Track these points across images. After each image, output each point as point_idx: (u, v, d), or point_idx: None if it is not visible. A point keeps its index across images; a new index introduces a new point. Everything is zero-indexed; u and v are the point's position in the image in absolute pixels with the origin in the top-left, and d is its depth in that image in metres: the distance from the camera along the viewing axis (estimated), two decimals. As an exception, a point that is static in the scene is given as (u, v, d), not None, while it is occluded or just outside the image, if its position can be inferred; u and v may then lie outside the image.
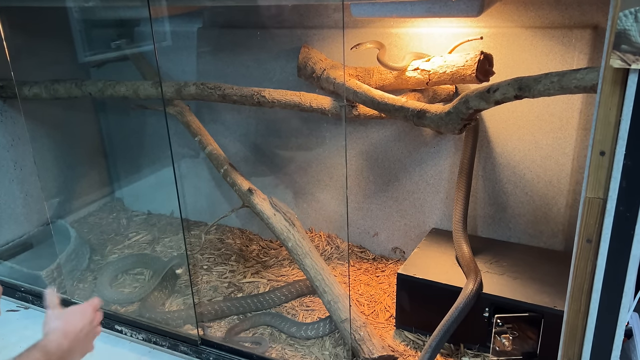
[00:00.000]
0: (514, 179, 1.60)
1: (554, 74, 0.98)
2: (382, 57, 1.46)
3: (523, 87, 1.02)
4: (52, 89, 1.80)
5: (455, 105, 1.20)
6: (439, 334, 1.29)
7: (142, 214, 2.32)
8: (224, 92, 1.60)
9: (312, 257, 1.52)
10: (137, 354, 1.53)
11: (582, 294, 0.95)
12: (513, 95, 1.05)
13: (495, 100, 1.09)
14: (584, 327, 0.96)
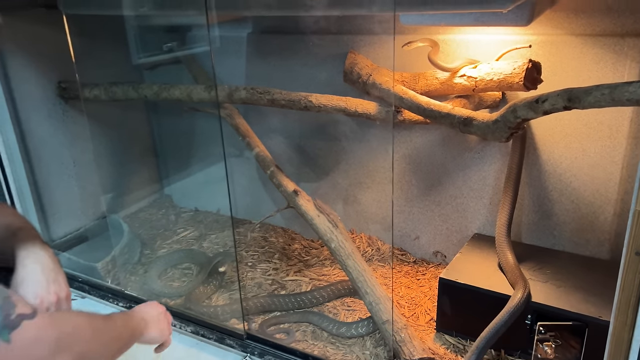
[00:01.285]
0: (559, 186, 1.59)
1: (605, 86, 0.98)
2: (433, 56, 1.47)
3: (573, 99, 1.03)
4: (110, 91, 1.90)
5: (503, 114, 1.21)
6: (486, 337, 1.30)
7: (189, 211, 2.41)
8: (273, 97, 1.65)
9: (354, 258, 1.56)
10: (185, 346, 1.60)
11: (629, 306, 0.95)
12: (562, 106, 1.06)
13: (544, 111, 1.10)
14: (630, 339, 0.96)
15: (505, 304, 1.36)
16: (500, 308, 1.36)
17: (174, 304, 1.75)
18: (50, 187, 2.05)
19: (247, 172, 2.22)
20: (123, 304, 1.78)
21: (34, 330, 0.72)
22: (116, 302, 1.79)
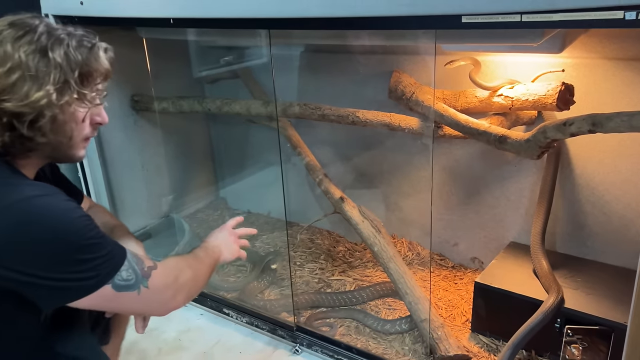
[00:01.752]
0: (592, 199, 1.68)
1: (624, 114, 1.09)
2: (474, 74, 1.60)
3: (596, 123, 1.14)
4: (178, 104, 2.12)
5: (534, 134, 1.33)
6: (521, 334, 1.41)
7: (242, 213, 2.61)
8: (323, 112, 1.82)
9: (395, 261, 1.70)
10: (241, 335, 1.79)
11: (644, 310, 1.06)
12: (587, 129, 1.17)
13: (571, 133, 1.21)
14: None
15: (537, 308, 1.47)
16: (532, 312, 1.47)
17: (231, 297, 1.94)
18: (121, 188, 2.29)
19: (294, 179, 2.39)
20: (186, 295, 1.98)
21: (160, 277, 0.95)
22: (179, 293, 2.00)
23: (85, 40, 0.90)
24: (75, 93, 0.87)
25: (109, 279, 0.87)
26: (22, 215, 0.81)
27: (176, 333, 1.81)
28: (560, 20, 0.97)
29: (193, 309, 1.95)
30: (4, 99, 0.82)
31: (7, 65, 0.82)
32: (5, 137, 0.84)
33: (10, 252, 0.80)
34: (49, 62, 0.84)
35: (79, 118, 0.91)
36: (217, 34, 1.84)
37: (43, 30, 0.85)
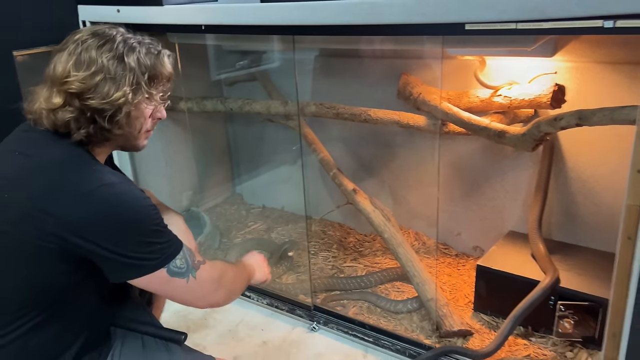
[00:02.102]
0: (584, 191, 1.84)
1: (606, 109, 1.26)
2: (479, 72, 1.76)
3: (582, 117, 1.31)
4: (201, 104, 2.29)
5: (529, 129, 1.50)
6: (522, 308, 1.57)
7: (258, 207, 2.78)
8: (338, 111, 1.99)
9: (404, 247, 1.86)
10: (263, 315, 1.95)
11: (624, 280, 1.22)
12: (575, 123, 1.33)
13: (561, 126, 1.38)
14: (624, 307, 1.23)
15: (534, 288, 1.63)
16: (529, 292, 1.63)
17: (251, 282, 2.10)
18: (147, 182, 2.45)
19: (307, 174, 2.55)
20: (209, 280, 2.14)
21: (207, 271, 1.09)
22: (203, 279, 2.16)
23: (152, 48, 1.05)
24: (145, 93, 1.03)
25: (166, 264, 1.00)
26: (104, 198, 0.96)
27: (202, 314, 1.97)
28: (549, 28, 1.14)
29: (216, 292, 2.11)
30: (88, 97, 0.97)
31: (92, 69, 0.97)
32: (90, 129, 0.99)
33: (91, 227, 0.94)
34: (125, 67, 0.99)
35: (147, 114, 1.07)
36: (241, 39, 2.01)
37: (120, 39, 1.01)
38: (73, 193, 0.95)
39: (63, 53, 0.99)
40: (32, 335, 1.01)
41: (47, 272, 0.98)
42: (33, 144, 1.02)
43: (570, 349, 1.63)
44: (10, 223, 0.96)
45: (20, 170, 0.99)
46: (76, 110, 0.98)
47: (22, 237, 0.95)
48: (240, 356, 1.72)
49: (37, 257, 0.96)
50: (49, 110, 0.98)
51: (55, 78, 0.98)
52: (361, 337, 1.75)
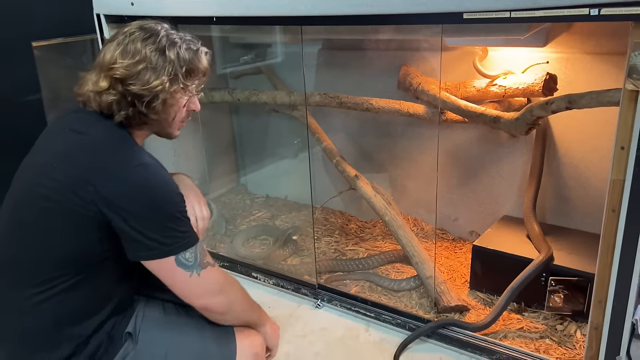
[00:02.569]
0: (575, 175, 1.94)
1: (593, 92, 1.36)
2: (479, 61, 1.85)
3: (571, 101, 1.41)
4: (209, 94, 2.39)
5: (522, 113, 1.60)
6: (519, 281, 1.66)
7: (261, 197, 2.87)
8: (341, 100, 2.08)
9: (404, 229, 1.96)
10: (269, 294, 2.04)
11: (608, 250, 1.32)
12: (564, 106, 1.43)
13: (552, 110, 1.48)
14: (609, 275, 1.33)
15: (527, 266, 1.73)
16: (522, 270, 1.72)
17: (258, 263, 2.19)
18: (156, 171, 2.55)
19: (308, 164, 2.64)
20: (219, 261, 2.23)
21: (212, 274, 1.14)
22: (211, 262, 2.25)
23: (192, 45, 1.16)
24: (181, 84, 1.13)
25: (176, 252, 1.07)
26: (139, 177, 1.05)
27: (211, 293, 2.06)
28: (541, 16, 1.24)
29: (224, 274, 2.20)
30: (130, 83, 1.08)
31: (136, 58, 1.09)
32: (129, 111, 1.10)
33: (123, 202, 1.03)
34: (165, 59, 1.11)
35: (181, 104, 1.17)
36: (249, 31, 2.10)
37: (163, 34, 1.13)
38: (112, 168, 1.05)
39: (112, 43, 1.12)
40: (66, 296, 1.10)
41: (85, 238, 1.07)
42: (82, 123, 1.12)
43: (560, 323, 1.73)
44: (57, 190, 1.06)
45: (69, 145, 1.09)
46: (119, 94, 1.09)
47: (66, 204, 1.05)
48: (249, 330, 1.81)
49: (78, 223, 1.05)
50: (96, 93, 1.10)
51: (103, 64, 1.10)
52: (363, 312, 1.84)
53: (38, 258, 1.08)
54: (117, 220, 1.04)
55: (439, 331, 1.69)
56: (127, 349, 1.14)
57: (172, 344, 1.18)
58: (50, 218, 1.07)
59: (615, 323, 1.35)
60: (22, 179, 1.13)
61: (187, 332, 1.21)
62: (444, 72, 2.07)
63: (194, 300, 1.15)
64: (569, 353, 1.60)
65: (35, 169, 1.11)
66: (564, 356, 1.58)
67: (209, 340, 1.21)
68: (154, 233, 1.05)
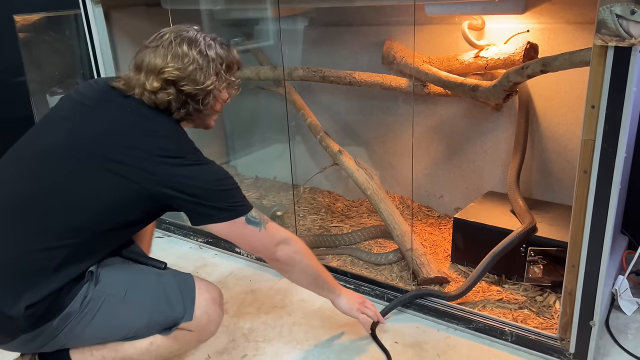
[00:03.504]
0: (558, 149, 1.92)
1: (565, 54, 1.34)
2: (466, 29, 1.83)
3: (545, 64, 1.39)
4: (195, 72, 2.37)
5: (499, 80, 1.58)
6: (503, 245, 1.65)
7: (251, 178, 2.87)
8: (324, 74, 2.07)
9: (385, 202, 1.95)
10: (252, 268, 2.04)
11: (581, 212, 1.30)
12: (539, 70, 1.42)
13: (527, 75, 1.46)
14: (582, 237, 1.31)
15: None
16: (502, 242, 1.72)
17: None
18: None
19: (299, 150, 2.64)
20: (202, 239, 2.24)
21: (274, 228, 1.31)
22: (195, 238, 2.26)
23: (223, 43, 1.27)
24: (225, 80, 1.26)
25: (244, 213, 1.23)
26: (203, 166, 1.20)
27: (194, 267, 2.07)
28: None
29: (208, 250, 2.20)
30: (183, 84, 1.19)
31: (185, 61, 1.19)
32: (189, 109, 1.23)
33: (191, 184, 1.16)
34: (209, 59, 1.21)
35: (225, 97, 1.30)
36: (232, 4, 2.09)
37: (200, 38, 1.22)
38: (177, 159, 1.16)
39: (157, 49, 1.20)
40: (62, 256, 1.13)
41: (130, 209, 1.18)
42: (144, 110, 1.21)
43: (540, 294, 1.72)
44: (129, 163, 1.14)
45: (139, 128, 1.18)
46: (174, 94, 1.20)
47: (125, 180, 1.14)
48: (228, 301, 1.81)
49: (128, 198, 1.16)
50: (150, 92, 1.19)
51: (155, 68, 1.19)
52: (343, 284, 1.82)
53: (65, 219, 1.14)
54: (182, 199, 1.16)
55: (416, 301, 1.68)
56: (88, 289, 1.17)
57: (131, 283, 1.24)
58: (106, 188, 1.14)
59: (588, 288, 1.34)
60: (72, 134, 1.18)
61: (146, 273, 1.28)
62: (430, 46, 2.06)
63: (267, 251, 1.31)
64: (546, 322, 1.59)
65: (96, 133, 1.17)
66: (542, 325, 1.57)
67: (168, 278, 1.29)
68: (222, 202, 1.19)
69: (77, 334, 1.19)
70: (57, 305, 1.14)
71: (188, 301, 1.26)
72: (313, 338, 1.62)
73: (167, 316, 1.24)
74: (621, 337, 1.54)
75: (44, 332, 1.15)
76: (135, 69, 1.22)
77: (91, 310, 1.17)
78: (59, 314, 1.14)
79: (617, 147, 1.19)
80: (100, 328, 1.20)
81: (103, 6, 2.15)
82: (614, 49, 1.13)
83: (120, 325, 1.22)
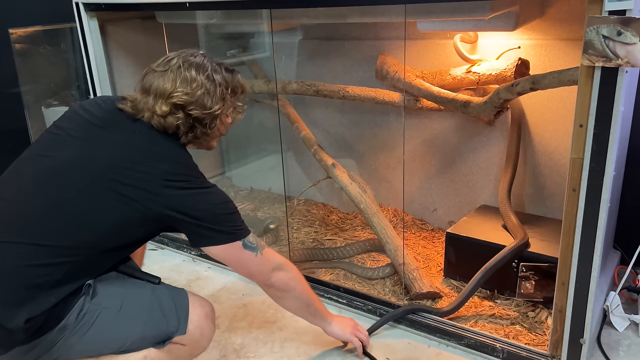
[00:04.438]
0: (550, 163, 1.93)
1: (554, 72, 1.35)
2: (458, 42, 1.85)
3: (535, 82, 1.40)
4: (189, 84, 2.38)
5: (490, 97, 1.59)
6: (496, 260, 1.66)
7: (246, 190, 2.87)
8: (318, 88, 2.08)
9: (378, 216, 1.95)
10: (244, 282, 2.03)
11: (570, 230, 1.31)
12: (529, 87, 1.43)
13: (517, 92, 1.47)
14: (571, 255, 1.31)
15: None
16: (495, 257, 1.72)
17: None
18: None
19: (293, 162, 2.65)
20: (195, 252, 2.23)
21: (270, 254, 1.34)
22: (189, 251, 2.26)
23: (228, 68, 1.30)
24: (231, 104, 1.29)
25: (242, 237, 1.26)
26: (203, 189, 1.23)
27: (186, 281, 2.06)
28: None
29: (201, 263, 2.20)
30: (192, 108, 1.22)
31: (193, 86, 1.21)
32: (197, 132, 1.25)
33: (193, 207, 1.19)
34: (215, 83, 1.24)
35: (229, 121, 1.33)
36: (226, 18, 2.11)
37: (207, 62, 1.25)
38: (182, 183, 1.19)
39: (166, 73, 1.23)
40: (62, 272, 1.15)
41: (135, 230, 1.22)
42: (150, 133, 1.23)
43: (532, 309, 1.71)
44: (134, 184, 1.17)
45: (146, 152, 1.21)
46: (182, 118, 1.22)
47: (131, 201, 1.17)
48: (220, 316, 1.81)
49: (133, 218, 1.18)
50: (159, 116, 1.21)
51: (164, 92, 1.21)
52: (335, 299, 1.83)
53: (71, 236, 1.16)
54: (186, 221, 1.19)
55: (408, 317, 1.68)
56: (85, 302, 1.19)
57: (126, 296, 1.26)
58: (112, 207, 1.16)
59: (578, 305, 1.35)
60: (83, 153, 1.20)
61: (141, 288, 1.30)
62: (424, 60, 2.07)
63: (263, 276, 1.33)
64: (538, 339, 1.58)
65: (106, 154, 1.19)
66: (533, 342, 1.57)
67: (163, 292, 1.31)
68: (221, 226, 1.22)
69: (71, 347, 1.19)
70: (54, 318, 1.15)
71: (182, 315, 1.28)
72: (304, 354, 1.61)
73: (161, 330, 1.27)
74: (612, 353, 1.54)
75: (39, 344, 1.16)
76: (142, 91, 1.24)
77: (86, 323, 1.19)
78: (55, 327, 1.15)
79: (605, 166, 1.20)
80: (95, 341, 1.22)
81: (98, 19, 2.16)
82: (601, 69, 1.14)
83: (114, 338, 1.24)
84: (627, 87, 1.25)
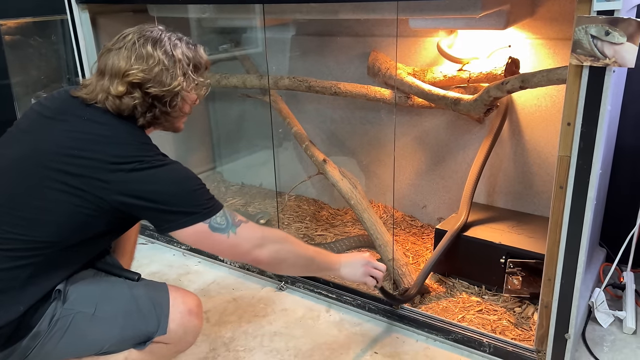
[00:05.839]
0: (538, 161, 1.95)
1: (544, 71, 1.37)
2: (441, 45, 1.86)
3: (524, 80, 1.41)
4: (181, 79, 2.38)
5: (480, 95, 1.61)
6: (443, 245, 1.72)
7: (237, 185, 2.87)
8: (310, 84, 2.09)
9: (369, 212, 1.97)
10: (234, 276, 2.04)
11: (557, 226, 1.33)
12: (518, 86, 1.44)
13: (507, 90, 1.49)
14: (558, 252, 1.34)
15: (488, 249, 1.75)
16: (483, 253, 1.76)
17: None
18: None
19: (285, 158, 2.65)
20: (185, 246, 2.23)
21: (247, 229, 1.19)
22: (179, 245, 2.25)
23: (190, 43, 1.22)
24: (193, 80, 1.19)
25: (206, 218, 1.12)
26: (163, 167, 1.12)
27: (177, 275, 2.07)
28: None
29: (191, 257, 2.20)
30: (149, 86, 1.13)
31: (150, 62, 1.13)
32: (155, 112, 1.16)
33: (148, 189, 1.10)
34: (175, 59, 1.16)
35: (193, 99, 1.24)
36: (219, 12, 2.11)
37: (165, 37, 1.17)
38: (132, 164, 1.09)
39: (120, 50, 1.15)
40: (30, 269, 1.10)
41: (93, 222, 1.13)
42: (102, 117, 1.15)
43: (519, 305, 1.74)
44: (82, 173, 1.09)
45: (95, 136, 1.12)
46: (139, 97, 1.14)
47: (81, 192, 1.09)
48: (210, 310, 1.81)
49: (87, 210, 1.10)
50: (114, 97, 1.13)
51: (118, 71, 1.13)
52: (325, 294, 1.85)
53: (26, 235, 1.10)
54: (140, 205, 1.10)
55: (396, 312, 1.69)
56: (56, 308, 1.14)
57: (101, 298, 1.20)
58: (65, 197, 1.09)
59: (563, 301, 1.37)
60: (30, 148, 1.13)
61: (117, 287, 1.24)
62: (416, 57, 2.08)
63: (242, 257, 1.21)
64: (524, 334, 1.61)
65: (51, 145, 1.12)
66: (520, 337, 1.59)
67: (141, 291, 1.24)
68: (180, 206, 1.11)
69: (48, 353, 1.15)
70: (25, 326, 1.11)
71: (162, 315, 1.21)
72: (294, 348, 1.62)
73: (140, 331, 1.20)
74: (597, 349, 1.57)
75: (14, 352, 1.12)
76: (98, 73, 1.18)
77: (60, 329, 1.14)
78: (27, 335, 1.11)
79: (592, 164, 1.22)
80: (71, 346, 1.17)
81: (90, 12, 2.15)
82: (589, 69, 1.16)
83: (91, 342, 1.18)
84: (614, 86, 1.27)
